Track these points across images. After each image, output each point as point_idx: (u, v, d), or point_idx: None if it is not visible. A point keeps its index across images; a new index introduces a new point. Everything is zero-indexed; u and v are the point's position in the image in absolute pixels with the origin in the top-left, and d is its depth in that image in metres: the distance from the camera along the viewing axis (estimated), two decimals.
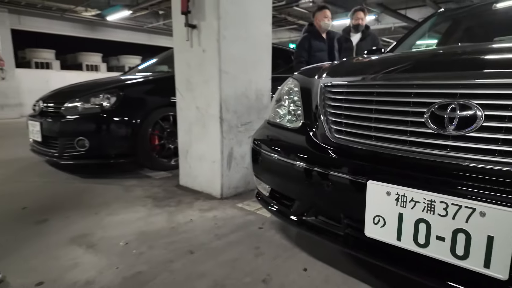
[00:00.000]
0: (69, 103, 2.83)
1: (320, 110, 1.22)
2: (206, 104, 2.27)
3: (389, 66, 1.17)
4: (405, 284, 1.29)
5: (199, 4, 2.17)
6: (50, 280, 1.36)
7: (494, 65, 0.90)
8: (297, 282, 1.33)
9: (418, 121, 0.91)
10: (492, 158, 0.80)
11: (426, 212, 0.84)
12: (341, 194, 1.05)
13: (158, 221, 1.95)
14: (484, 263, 0.77)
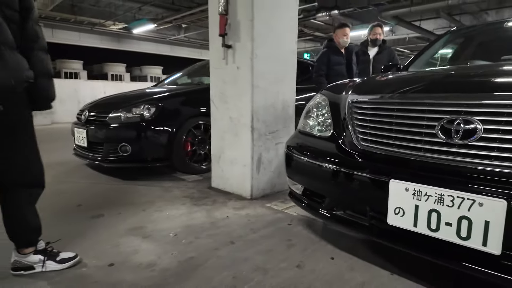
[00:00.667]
0: (113, 113, 3.15)
1: (348, 122, 1.47)
2: (239, 115, 2.55)
3: (406, 86, 1.42)
4: (417, 267, 1.51)
5: (235, 27, 2.47)
6: (119, 262, 1.63)
7: (491, 88, 1.14)
8: (326, 269, 1.56)
9: (431, 132, 1.16)
10: (488, 161, 1.03)
11: (437, 204, 1.07)
12: (367, 191, 1.29)
13: (199, 217, 2.22)
14: (482, 242, 1.00)
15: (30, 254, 1.52)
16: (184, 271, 1.55)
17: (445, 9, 7.73)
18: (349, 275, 1.50)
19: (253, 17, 2.35)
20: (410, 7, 7.36)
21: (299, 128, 1.86)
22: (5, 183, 1.41)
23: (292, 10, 2.64)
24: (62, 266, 1.55)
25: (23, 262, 1.51)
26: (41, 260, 1.52)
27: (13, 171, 1.40)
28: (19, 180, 1.42)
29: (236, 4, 2.43)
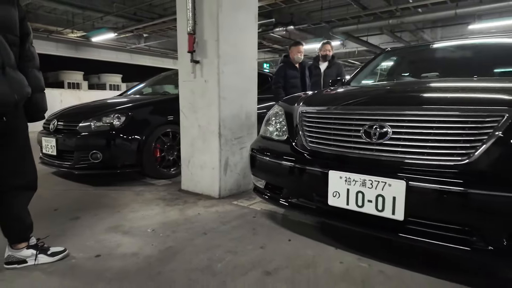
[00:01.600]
0: (84, 122, 3.29)
1: (299, 128, 1.85)
2: (207, 123, 2.85)
3: (341, 100, 1.83)
4: (356, 244, 1.91)
5: (202, 45, 2.78)
6: (105, 254, 1.85)
7: (397, 102, 1.57)
8: (285, 248, 1.91)
9: (357, 135, 1.56)
10: (394, 155, 1.45)
11: (361, 187, 1.47)
12: (313, 181, 1.66)
13: (173, 215, 2.47)
14: (392, 212, 1.40)
15: (23, 249, 1.69)
16: (165, 257, 1.81)
17: (387, 27, 8.65)
18: (303, 251, 1.86)
19: (218, 38, 2.68)
20: (357, 24, 8.16)
21: (261, 133, 2.22)
22: (3, 185, 1.58)
23: (253, 32, 3.01)
24: (53, 259, 1.74)
25: (16, 256, 1.68)
26: (34, 254, 1.70)
27: (11, 175, 1.58)
28: (16, 183, 1.60)
29: (203, 25, 2.75)
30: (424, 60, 3.29)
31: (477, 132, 1.31)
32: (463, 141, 1.33)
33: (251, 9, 2.98)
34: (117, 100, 4.17)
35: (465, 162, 1.30)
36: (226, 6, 2.70)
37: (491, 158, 1.27)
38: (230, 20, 2.76)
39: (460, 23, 9.23)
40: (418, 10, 7.38)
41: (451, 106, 1.41)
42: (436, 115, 1.40)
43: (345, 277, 1.58)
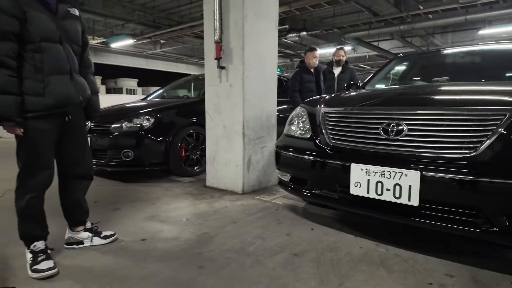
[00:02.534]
0: (116, 123, 3.56)
1: (322, 126, 2.06)
2: (232, 123, 3.08)
3: (361, 101, 2.04)
4: (373, 232, 2.11)
5: (228, 53, 3.02)
6: (149, 238, 2.08)
7: (412, 103, 1.77)
8: (308, 235, 2.12)
9: (376, 132, 1.76)
10: (410, 149, 1.65)
11: (380, 177, 1.67)
12: (336, 173, 1.87)
13: (202, 207, 2.70)
14: (408, 198, 1.60)
15: (81, 231, 1.94)
16: (202, 240, 2.04)
17: (398, 32, 8.82)
18: (324, 238, 2.06)
19: (243, 45, 2.92)
20: (368, 30, 8.35)
21: (284, 132, 2.44)
22: (67, 174, 1.83)
23: (273, 39, 3.25)
24: (105, 241, 1.98)
25: (75, 238, 1.93)
26: (89, 236, 1.95)
27: (74, 165, 1.83)
28: (78, 172, 1.85)
29: (229, 34, 3.00)
30: (435, 65, 3.48)
31: (483, 128, 1.51)
32: (470, 136, 1.52)
33: (272, 18, 3.21)
34: (144, 103, 4.45)
35: (472, 154, 1.50)
36: (250, 16, 2.94)
37: (495, 151, 1.47)
38: (253, 29, 3.00)
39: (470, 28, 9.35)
40: (429, 16, 7.54)
41: (460, 106, 1.61)
42: (446, 114, 1.60)
43: (364, 259, 1.78)
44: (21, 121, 1.52)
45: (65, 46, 1.67)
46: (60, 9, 1.67)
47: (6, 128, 1.52)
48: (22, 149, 1.60)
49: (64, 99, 1.64)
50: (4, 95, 1.47)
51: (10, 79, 1.49)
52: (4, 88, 1.47)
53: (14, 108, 1.49)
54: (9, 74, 1.48)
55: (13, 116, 1.49)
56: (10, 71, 1.49)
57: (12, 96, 1.49)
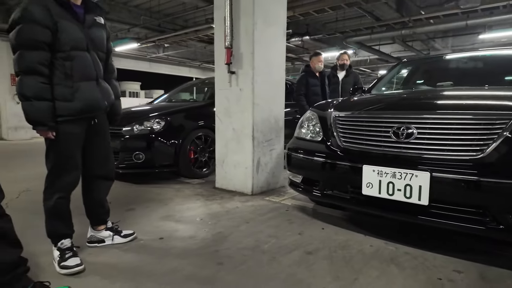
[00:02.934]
0: (128, 126, 3.65)
1: (333, 129, 2.15)
2: (242, 126, 3.17)
3: (371, 105, 2.13)
4: (382, 232, 2.19)
5: (238, 58, 3.11)
6: (166, 237, 2.16)
7: (421, 107, 1.86)
8: (319, 234, 2.20)
9: (387, 135, 1.85)
10: (420, 151, 1.73)
11: (392, 178, 1.76)
12: (348, 174, 1.96)
13: (215, 208, 2.78)
14: (418, 198, 1.68)
15: (103, 230, 2.02)
16: (218, 239, 2.12)
17: (400, 37, 8.93)
18: (335, 237, 2.14)
19: (253, 51, 3.01)
20: (370, 34, 8.45)
21: (295, 135, 2.52)
22: (91, 175, 1.91)
23: (281, 44, 3.34)
24: (125, 239, 2.06)
25: (96, 236, 2.01)
26: (110, 235, 2.03)
27: (99, 167, 1.91)
28: (101, 173, 1.93)
29: (239, 40, 3.09)
30: (438, 70, 3.57)
31: (489, 132, 1.59)
32: (477, 139, 1.61)
33: (281, 25, 3.31)
34: (153, 106, 4.54)
35: (479, 156, 1.58)
36: (260, 23, 3.04)
37: (501, 153, 1.55)
38: (263, 35, 3.09)
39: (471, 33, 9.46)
40: (430, 21, 7.65)
41: (467, 111, 1.70)
42: (454, 118, 1.69)
43: (375, 256, 1.86)
44: (54, 125, 1.60)
45: (91, 54, 1.76)
46: (87, 18, 1.76)
47: (39, 132, 1.61)
48: (52, 151, 1.69)
49: (91, 104, 1.73)
50: (39, 101, 1.55)
51: (44, 86, 1.57)
52: (39, 94, 1.55)
53: (48, 113, 1.57)
54: (42, 81, 1.57)
55: (46, 120, 1.57)
56: (43, 78, 1.57)
57: (45, 101, 1.57)
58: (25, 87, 1.55)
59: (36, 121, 1.57)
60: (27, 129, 8.58)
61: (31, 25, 1.55)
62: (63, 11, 1.64)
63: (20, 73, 1.56)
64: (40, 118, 1.56)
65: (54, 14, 1.59)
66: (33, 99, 1.55)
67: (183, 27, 8.57)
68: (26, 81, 1.55)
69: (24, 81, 1.55)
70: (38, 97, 1.56)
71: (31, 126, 1.61)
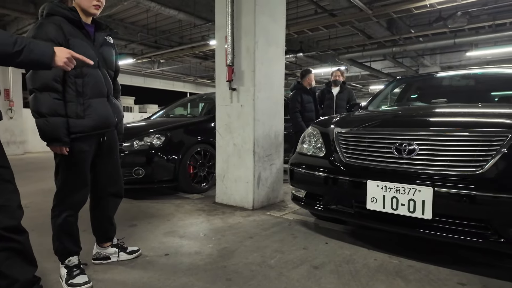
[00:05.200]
0: (127, 141, 3.66)
1: (336, 145, 2.21)
2: (243, 142, 3.22)
3: (373, 121, 2.21)
4: (386, 245, 2.23)
5: (239, 75, 3.19)
6: (172, 253, 2.16)
7: (422, 124, 1.94)
8: (324, 249, 2.23)
9: (389, 151, 1.92)
10: (422, 167, 1.80)
11: (395, 193, 1.81)
12: (352, 189, 2.01)
13: (217, 223, 2.79)
14: (422, 212, 1.74)
15: (108, 247, 2.01)
16: (224, 254, 2.13)
17: (390, 54, 9.21)
18: (340, 251, 2.18)
19: (254, 69, 3.10)
20: (362, 52, 8.71)
21: (297, 150, 2.58)
22: (101, 193, 1.92)
23: (281, 63, 3.44)
24: (131, 256, 2.05)
25: (102, 253, 2.00)
26: (116, 252, 2.02)
27: (108, 184, 1.93)
28: (111, 190, 1.94)
29: (241, 59, 3.18)
30: (432, 87, 3.71)
31: (488, 148, 1.67)
32: (477, 155, 1.69)
33: (280, 44, 3.42)
34: (152, 121, 4.56)
35: (479, 172, 1.66)
36: (261, 43, 3.14)
37: (499, 169, 1.63)
38: (264, 54, 3.18)
39: (458, 50, 9.83)
40: (420, 39, 7.94)
41: (467, 128, 1.78)
42: (454, 135, 1.77)
43: (380, 270, 1.90)
44: (68, 141, 1.62)
45: (102, 71, 1.81)
46: (97, 37, 1.81)
47: (54, 148, 1.63)
48: (63, 168, 1.70)
49: (103, 121, 1.76)
50: (54, 117, 1.58)
51: (58, 102, 1.60)
52: (54, 110, 1.58)
53: (63, 129, 1.60)
54: (56, 97, 1.60)
55: (61, 136, 1.59)
56: (57, 94, 1.60)
57: (60, 117, 1.60)
58: (40, 104, 1.58)
59: (51, 137, 1.59)
60: (18, 144, 8.49)
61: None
62: (75, 29, 1.68)
63: (34, 90, 1.59)
64: (55, 134, 1.59)
65: (67, 32, 1.64)
66: (48, 115, 1.57)
67: (179, 44, 8.71)
68: (41, 98, 1.58)
69: (39, 98, 1.58)
70: (53, 113, 1.58)
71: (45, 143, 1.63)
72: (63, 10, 1.65)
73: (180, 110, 5.91)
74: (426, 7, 5.38)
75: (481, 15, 6.80)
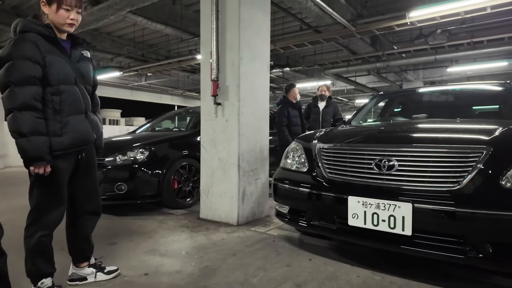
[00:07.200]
0: (110, 156, 3.60)
1: (318, 161, 2.22)
2: (228, 156, 3.20)
3: (355, 137, 2.23)
4: (369, 261, 2.22)
5: (224, 90, 3.20)
6: (152, 272, 2.11)
7: (401, 140, 1.98)
8: (307, 265, 2.20)
9: (369, 167, 1.94)
10: (401, 183, 1.82)
11: (376, 209, 1.82)
12: (334, 205, 2.01)
13: (200, 240, 2.74)
14: (402, 228, 1.75)
15: (85, 267, 1.95)
16: (206, 273, 2.08)
17: (374, 69, 9.44)
18: (323, 268, 2.16)
19: (239, 84, 3.12)
20: (347, 67, 8.90)
21: (281, 165, 2.58)
22: (79, 211, 1.87)
23: (265, 78, 3.47)
24: (109, 276, 1.99)
25: (79, 274, 1.93)
26: (93, 272, 1.95)
27: (86, 202, 1.88)
28: (89, 208, 1.89)
29: (225, 74, 3.19)
30: (413, 102, 3.80)
31: (464, 164, 1.71)
32: (454, 171, 1.72)
33: (265, 60, 3.46)
34: (137, 136, 4.51)
35: (456, 188, 1.68)
36: (245, 58, 3.17)
37: (476, 185, 1.66)
38: (248, 69, 3.21)
39: (439, 66, 10.15)
40: (402, 55, 8.17)
41: (444, 144, 1.82)
42: (432, 151, 1.80)
43: (363, 287, 1.89)
44: (51, 159, 1.58)
45: (80, 87, 1.78)
46: (74, 52, 1.79)
47: (37, 168, 1.56)
48: (39, 187, 1.65)
49: (81, 138, 1.73)
50: (36, 136, 1.54)
51: (39, 121, 1.57)
52: (35, 129, 1.54)
53: (45, 148, 1.55)
54: (37, 116, 1.56)
55: (45, 155, 1.55)
56: (37, 113, 1.57)
57: (42, 136, 1.56)
58: (20, 124, 1.53)
59: (34, 157, 1.54)
60: None
61: (22, 61, 1.56)
62: (50, 46, 1.66)
63: (13, 110, 1.55)
64: (39, 153, 1.54)
65: (43, 50, 1.62)
66: (30, 134, 1.53)
67: (166, 57, 8.73)
68: (21, 118, 1.54)
69: (18, 118, 1.54)
70: (35, 132, 1.54)
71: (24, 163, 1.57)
72: (38, 27, 1.63)
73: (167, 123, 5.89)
74: (407, 25, 5.56)
75: (459, 33, 7.06)
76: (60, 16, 1.66)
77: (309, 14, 5.44)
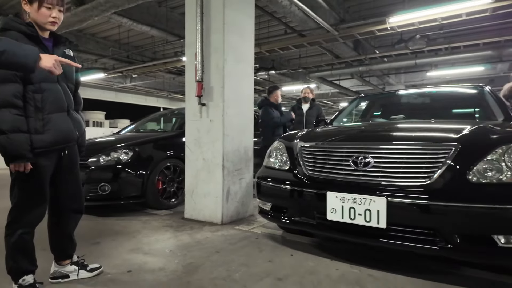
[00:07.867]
0: (94, 156, 3.58)
1: (299, 159, 2.30)
2: (212, 156, 3.24)
3: (333, 136, 2.32)
4: (347, 256, 2.30)
5: (209, 91, 3.25)
6: (135, 270, 2.12)
7: (377, 139, 2.07)
8: (289, 261, 2.26)
9: (347, 164, 2.02)
10: (376, 179, 1.91)
11: (352, 203, 1.90)
12: (314, 201, 2.08)
13: (184, 239, 2.76)
14: (377, 221, 1.83)
15: (67, 265, 1.95)
16: (189, 270, 2.11)
17: (357, 73, 9.66)
18: (305, 263, 2.22)
19: (223, 85, 3.17)
20: (331, 70, 9.10)
21: (264, 164, 2.64)
22: (61, 208, 1.87)
23: (250, 79, 3.54)
24: (92, 274, 2.00)
25: (61, 272, 1.93)
26: (76, 270, 1.96)
27: (69, 200, 1.88)
28: (72, 206, 1.90)
29: (210, 75, 3.24)
30: (392, 104, 3.94)
31: (435, 161, 1.81)
32: (425, 167, 1.81)
33: (249, 62, 3.52)
34: (121, 136, 4.49)
35: (427, 182, 1.78)
36: (230, 59, 3.22)
37: (446, 179, 1.76)
38: (233, 71, 3.27)
39: (420, 70, 10.48)
40: (384, 60, 8.42)
41: (416, 142, 1.92)
42: (406, 148, 1.90)
43: (342, 280, 1.96)
44: (32, 157, 1.58)
45: (62, 85, 1.79)
46: (56, 51, 1.80)
47: (17, 166, 1.57)
48: (20, 185, 1.65)
49: (63, 136, 1.74)
50: (16, 133, 1.54)
51: (19, 118, 1.57)
52: (15, 126, 1.55)
53: (26, 145, 1.56)
54: (17, 113, 1.57)
55: (25, 153, 1.55)
56: (18, 110, 1.57)
57: (22, 133, 1.56)
58: (0, 121, 1.54)
59: (15, 155, 1.54)
60: None
61: None
62: (32, 44, 1.67)
63: None
64: (19, 151, 1.54)
65: None
66: (10, 132, 1.53)
67: (152, 59, 8.71)
68: (1, 115, 1.54)
69: None
70: (15, 130, 1.54)
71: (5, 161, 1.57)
72: (19, 25, 1.64)
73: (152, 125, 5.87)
74: (387, 29, 5.75)
75: (438, 38, 7.34)
76: (42, 14, 1.68)
77: (293, 18, 5.56)
